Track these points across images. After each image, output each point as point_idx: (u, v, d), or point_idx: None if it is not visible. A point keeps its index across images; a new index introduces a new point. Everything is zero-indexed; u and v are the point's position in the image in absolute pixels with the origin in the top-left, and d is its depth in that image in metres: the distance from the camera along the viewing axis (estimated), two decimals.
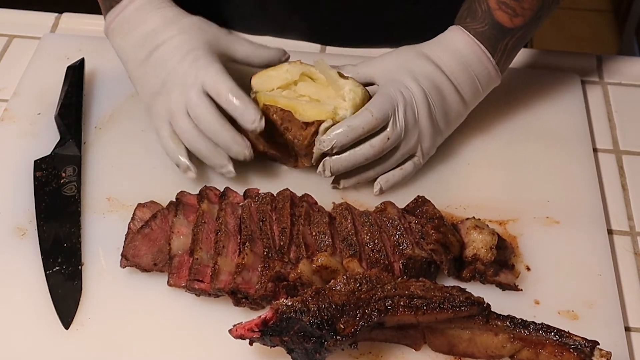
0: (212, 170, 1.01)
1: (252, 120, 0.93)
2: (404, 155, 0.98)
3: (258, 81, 1.01)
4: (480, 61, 0.99)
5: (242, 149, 0.95)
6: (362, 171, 0.98)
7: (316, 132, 0.96)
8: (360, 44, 1.19)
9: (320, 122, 0.96)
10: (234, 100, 0.94)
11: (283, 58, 1.02)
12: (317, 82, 1.01)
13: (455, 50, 0.99)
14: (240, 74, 1.01)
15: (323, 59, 1.00)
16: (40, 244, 0.93)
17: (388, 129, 0.95)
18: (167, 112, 0.97)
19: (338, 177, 0.99)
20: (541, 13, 0.99)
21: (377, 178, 0.99)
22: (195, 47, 0.97)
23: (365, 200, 0.99)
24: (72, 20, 1.24)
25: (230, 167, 0.96)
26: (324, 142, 0.94)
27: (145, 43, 0.98)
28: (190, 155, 0.98)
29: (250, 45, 1.01)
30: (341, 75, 0.99)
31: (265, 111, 0.97)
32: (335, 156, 0.95)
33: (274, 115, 0.97)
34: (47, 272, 0.91)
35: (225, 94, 0.94)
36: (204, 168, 1.02)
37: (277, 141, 0.99)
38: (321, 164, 0.96)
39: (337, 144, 0.93)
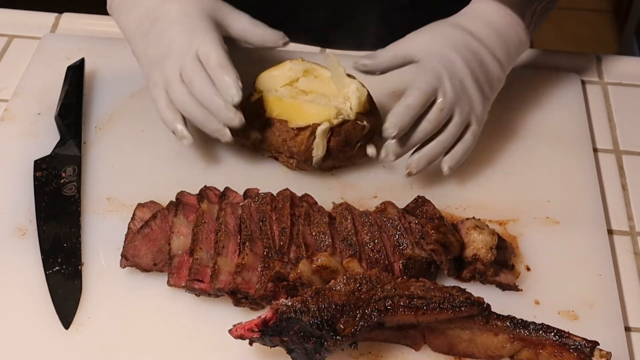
0: (213, 170, 1.01)
1: (232, 94, 0.93)
2: (461, 124, 0.97)
3: (263, 81, 1.01)
4: (510, 26, 1.00)
5: (232, 115, 0.94)
6: (427, 150, 0.97)
7: (312, 136, 0.97)
8: (360, 48, 1.18)
9: (315, 126, 0.96)
10: (219, 70, 0.94)
11: (281, 42, 1.01)
12: (319, 79, 1.01)
13: (486, 18, 1.00)
14: (245, 76, 1.01)
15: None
16: (40, 244, 0.93)
17: (439, 100, 0.95)
18: (164, 80, 0.97)
19: (410, 164, 0.97)
20: None
21: (443, 157, 0.98)
22: (193, 16, 0.97)
23: (365, 200, 0.99)
24: (72, 20, 1.24)
25: (227, 131, 0.95)
26: (388, 129, 0.93)
27: (147, 17, 0.99)
28: (188, 124, 0.97)
29: (248, 20, 1.01)
30: (348, 74, 0.99)
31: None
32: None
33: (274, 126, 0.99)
34: (47, 272, 0.91)
35: (214, 61, 0.94)
36: (204, 165, 1.02)
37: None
38: (383, 149, 0.95)
39: (402, 126, 0.93)
